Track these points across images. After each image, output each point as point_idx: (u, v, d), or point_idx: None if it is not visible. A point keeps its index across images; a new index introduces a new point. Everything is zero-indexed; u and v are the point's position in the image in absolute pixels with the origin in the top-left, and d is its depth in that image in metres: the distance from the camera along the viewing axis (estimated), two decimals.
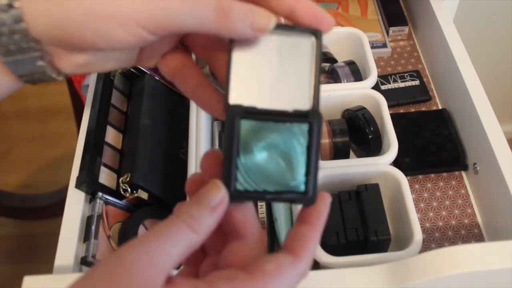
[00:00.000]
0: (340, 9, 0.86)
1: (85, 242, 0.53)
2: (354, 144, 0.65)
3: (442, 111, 0.71)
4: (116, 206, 0.57)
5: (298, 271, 0.30)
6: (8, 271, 1.41)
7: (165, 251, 0.27)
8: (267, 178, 0.31)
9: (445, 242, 0.61)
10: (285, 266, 0.29)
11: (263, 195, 0.31)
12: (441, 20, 0.72)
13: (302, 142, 0.31)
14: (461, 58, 0.67)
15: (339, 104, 0.66)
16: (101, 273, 0.27)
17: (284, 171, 0.31)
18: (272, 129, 0.31)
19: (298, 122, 0.31)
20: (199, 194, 0.30)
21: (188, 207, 0.29)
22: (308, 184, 0.31)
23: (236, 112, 0.31)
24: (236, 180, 0.30)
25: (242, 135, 0.31)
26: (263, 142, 0.31)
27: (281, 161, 0.31)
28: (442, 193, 0.65)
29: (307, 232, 0.31)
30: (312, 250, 0.31)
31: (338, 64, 0.70)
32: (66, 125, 1.41)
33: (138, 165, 0.59)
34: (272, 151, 0.31)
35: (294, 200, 0.32)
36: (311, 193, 0.31)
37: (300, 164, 0.31)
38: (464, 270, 0.43)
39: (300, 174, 0.31)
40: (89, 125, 0.61)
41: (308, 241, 0.30)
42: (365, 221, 0.54)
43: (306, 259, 0.30)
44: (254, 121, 0.31)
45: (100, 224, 0.55)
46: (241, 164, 0.31)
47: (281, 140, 0.31)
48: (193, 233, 0.28)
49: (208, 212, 0.29)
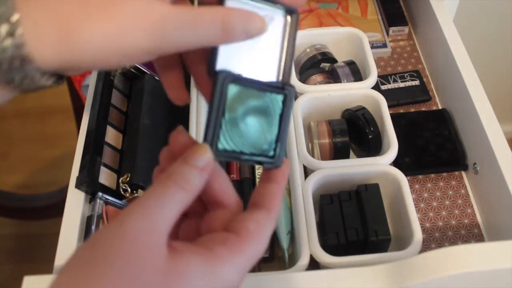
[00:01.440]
0: (340, 9, 0.86)
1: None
2: (354, 144, 0.65)
3: (442, 111, 0.71)
4: (116, 206, 0.57)
5: (272, 223, 0.33)
6: (8, 271, 1.41)
7: (163, 214, 0.29)
8: (245, 140, 0.34)
9: (445, 242, 0.61)
10: (264, 222, 0.32)
11: (239, 155, 0.34)
12: (441, 20, 0.72)
13: (277, 111, 0.35)
14: (461, 58, 0.67)
15: (339, 104, 0.66)
16: (104, 242, 0.28)
17: (260, 135, 0.34)
18: (255, 96, 0.34)
19: (276, 92, 0.35)
20: (188, 155, 0.32)
21: (179, 168, 0.31)
22: (277, 149, 0.35)
23: (226, 77, 0.33)
24: (218, 139, 0.33)
25: (229, 99, 0.33)
26: (245, 106, 0.34)
27: (259, 126, 0.34)
28: (442, 193, 0.65)
29: (275, 189, 0.34)
30: (279, 204, 0.34)
31: (338, 64, 0.70)
32: (66, 125, 1.41)
33: (138, 165, 0.59)
34: (253, 116, 0.34)
35: (263, 162, 0.35)
36: (278, 158, 0.35)
37: (273, 131, 0.35)
38: (464, 270, 0.43)
39: (272, 140, 0.35)
40: (89, 125, 0.61)
41: (277, 196, 0.34)
42: (365, 221, 0.54)
43: (276, 212, 0.34)
44: (240, 87, 0.33)
45: (100, 224, 0.55)
46: (224, 123, 0.33)
47: (261, 107, 0.34)
48: (185, 193, 0.30)
49: (197, 172, 0.31)
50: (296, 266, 0.50)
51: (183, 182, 0.30)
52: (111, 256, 0.27)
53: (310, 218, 0.54)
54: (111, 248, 0.27)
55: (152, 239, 0.28)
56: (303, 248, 0.51)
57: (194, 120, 0.63)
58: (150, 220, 0.28)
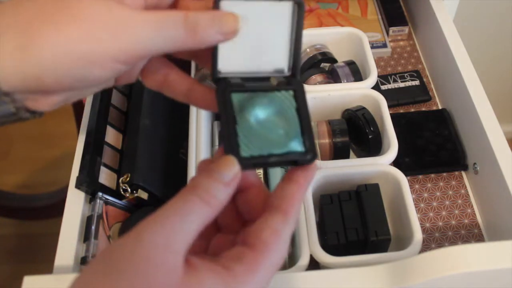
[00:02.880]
0: (340, 9, 0.86)
1: (85, 242, 0.53)
2: (354, 144, 0.65)
3: (442, 111, 0.71)
4: (116, 206, 0.57)
5: (290, 227, 0.31)
6: (8, 271, 1.41)
7: (182, 231, 0.28)
8: (267, 141, 0.32)
9: (445, 242, 0.61)
10: (280, 228, 0.30)
11: (268, 158, 0.32)
12: (441, 20, 0.72)
13: (292, 106, 0.33)
14: (461, 58, 0.67)
15: (339, 104, 0.66)
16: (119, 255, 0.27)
17: (281, 133, 0.32)
18: (263, 97, 0.33)
19: (284, 89, 0.33)
20: (213, 169, 0.30)
21: (203, 181, 0.29)
22: (306, 143, 0.33)
23: (226, 87, 0.32)
24: (239, 146, 0.31)
25: (235, 106, 0.32)
26: (256, 108, 0.32)
27: (277, 125, 0.33)
28: (442, 193, 0.65)
29: (295, 191, 0.32)
30: (299, 208, 0.32)
31: (338, 64, 0.70)
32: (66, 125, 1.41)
33: (138, 165, 0.59)
34: (267, 116, 0.33)
35: (296, 160, 0.33)
36: (310, 152, 0.33)
37: (295, 126, 0.33)
38: (464, 270, 0.43)
39: (297, 135, 0.33)
40: (89, 125, 0.61)
41: (295, 199, 0.31)
42: (365, 221, 0.54)
43: (294, 216, 0.31)
44: (244, 93, 0.32)
45: (100, 224, 0.55)
46: (240, 130, 0.31)
47: (273, 105, 0.33)
48: (208, 208, 0.29)
49: (222, 186, 0.30)
50: (296, 266, 0.50)
51: (208, 196, 0.29)
52: (124, 270, 0.26)
53: (310, 218, 0.54)
54: (126, 262, 0.26)
55: (168, 257, 0.27)
56: (303, 248, 0.51)
57: (194, 120, 0.63)
58: (169, 236, 0.27)
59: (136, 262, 0.26)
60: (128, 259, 0.26)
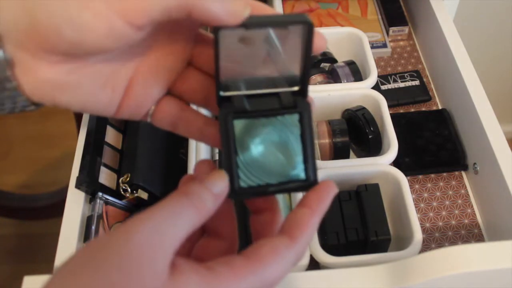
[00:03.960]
0: (340, 9, 0.86)
1: (85, 242, 0.53)
2: (354, 144, 0.65)
3: (442, 111, 0.71)
4: (116, 206, 0.57)
5: (294, 253, 0.30)
6: (8, 271, 1.41)
7: (174, 233, 0.27)
8: (268, 171, 0.31)
9: (445, 242, 0.61)
10: (281, 249, 0.29)
11: (267, 188, 0.31)
12: (441, 20, 0.72)
13: (295, 132, 0.32)
14: (461, 58, 0.67)
15: (339, 104, 0.66)
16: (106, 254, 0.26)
17: (282, 162, 0.32)
18: (265, 123, 0.32)
19: (288, 113, 0.32)
20: (207, 179, 0.30)
21: (196, 188, 0.30)
22: (308, 171, 0.32)
23: (227, 114, 0.31)
24: (239, 178, 0.31)
25: (237, 134, 0.31)
26: (258, 137, 0.31)
27: (278, 153, 0.32)
28: (442, 193, 0.65)
29: (305, 215, 0.31)
30: (310, 234, 0.30)
31: (338, 64, 0.70)
32: (66, 125, 1.41)
33: (138, 165, 0.59)
34: (268, 145, 0.32)
35: (296, 188, 0.32)
36: (312, 179, 0.32)
37: (297, 153, 0.32)
38: (464, 270, 0.43)
39: (299, 163, 0.32)
40: (89, 125, 0.61)
41: (305, 224, 0.30)
42: (365, 221, 0.54)
43: (302, 242, 0.30)
44: (246, 120, 0.31)
45: (100, 224, 0.55)
46: (240, 161, 0.31)
47: (275, 133, 0.32)
48: (198, 214, 0.29)
49: (212, 196, 0.30)
50: (296, 266, 0.50)
51: (198, 202, 0.29)
52: (109, 263, 0.26)
53: None
54: (111, 259, 0.26)
55: (159, 257, 0.26)
56: None
57: None
58: (161, 237, 0.27)
59: (123, 260, 0.26)
60: (114, 257, 0.26)
